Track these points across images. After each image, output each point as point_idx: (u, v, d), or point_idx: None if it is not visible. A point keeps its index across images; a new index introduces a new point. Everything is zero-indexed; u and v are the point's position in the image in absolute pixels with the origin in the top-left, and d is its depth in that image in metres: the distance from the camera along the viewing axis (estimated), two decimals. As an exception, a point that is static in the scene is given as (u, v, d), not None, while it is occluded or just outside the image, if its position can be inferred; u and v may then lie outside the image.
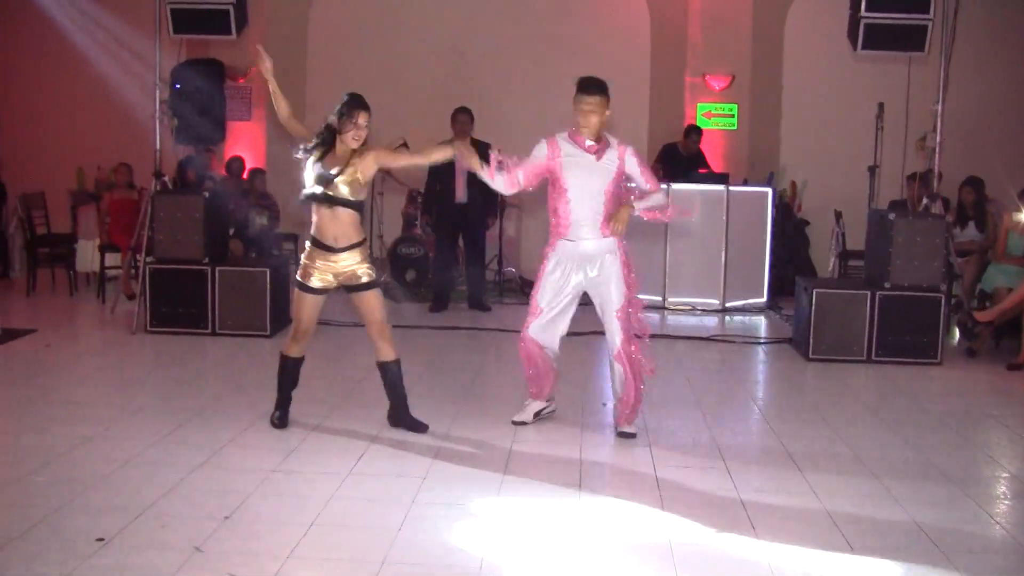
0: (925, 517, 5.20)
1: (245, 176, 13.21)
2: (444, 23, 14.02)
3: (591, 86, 6.55)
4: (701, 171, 12.26)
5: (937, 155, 9.56)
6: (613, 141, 6.54)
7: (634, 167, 6.47)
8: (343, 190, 6.23)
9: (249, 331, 9.35)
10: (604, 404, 7.34)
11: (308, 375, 8.41)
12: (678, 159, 12.26)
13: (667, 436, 6.55)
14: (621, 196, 6.45)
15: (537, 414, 6.80)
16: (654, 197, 6.48)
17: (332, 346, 9.29)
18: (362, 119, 6.40)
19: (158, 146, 9.84)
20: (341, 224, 6.26)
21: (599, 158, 6.44)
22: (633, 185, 6.53)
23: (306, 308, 6.39)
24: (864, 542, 4.82)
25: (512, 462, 5.91)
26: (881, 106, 11.15)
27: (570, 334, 6.74)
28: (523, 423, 6.71)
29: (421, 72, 14.01)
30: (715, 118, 13.36)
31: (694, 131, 12.57)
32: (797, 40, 13.77)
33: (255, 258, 11.58)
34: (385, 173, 12.56)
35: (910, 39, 9.36)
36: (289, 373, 6.60)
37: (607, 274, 6.37)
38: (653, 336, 9.75)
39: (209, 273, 9.36)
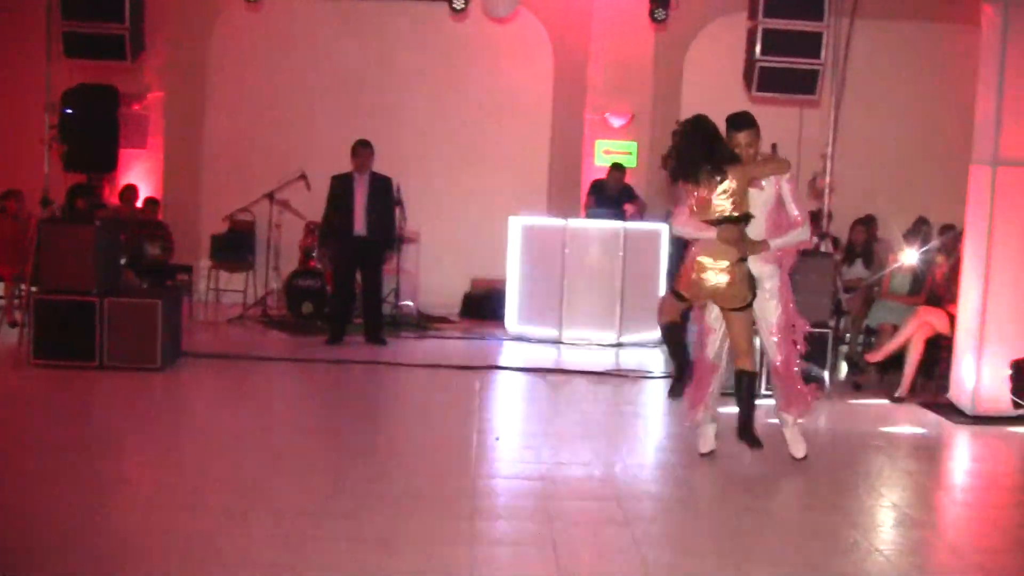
0: (809, 545, 5.30)
1: (139, 205, 13.00)
2: (345, 53, 13.96)
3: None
4: (627, 206, 12.38)
5: (827, 195, 9.78)
6: None
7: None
8: None
9: (139, 365, 9.10)
10: (497, 438, 7.35)
11: (215, 418, 8.32)
12: (605, 193, 12.40)
13: (561, 470, 6.56)
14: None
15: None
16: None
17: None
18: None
19: (47, 172, 9.61)
20: None
21: None
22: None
23: None
24: (752, 569, 4.88)
25: (405, 495, 5.87)
26: (774, 147, 11.30)
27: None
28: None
29: (323, 101, 13.94)
30: (614, 155, 13.47)
31: (616, 168, 12.69)
32: (696, 80, 13.98)
33: (148, 289, 11.39)
34: (283, 205, 12.50)
35: (803, 83, 9.57)
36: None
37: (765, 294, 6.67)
38: (549, 371, 9.94)
39: (97, 304, 9.13)
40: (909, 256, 10.08)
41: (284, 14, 13.94)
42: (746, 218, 6.51)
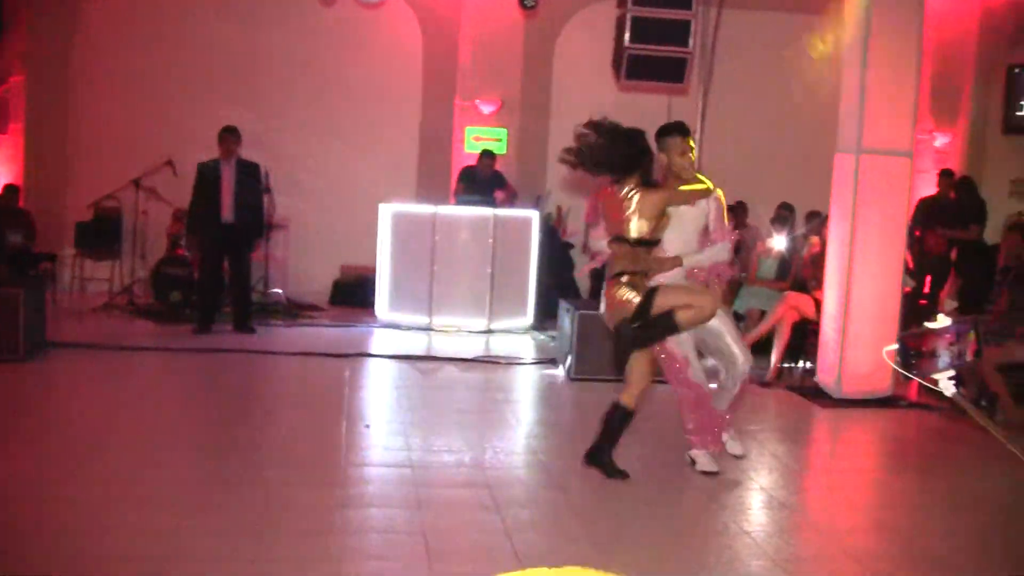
0: (680, 528, 5.38)
1: (-2, 192, 12.56)
2: (213, 37, 13.62)
3: None
4: (497, 192, 12.37)
5: (695, 182, 9.90)
6: None
7: None
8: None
9: (1, 356, 8.74)
10: (367, 426, 7.29)
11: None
12: (475, 180, 12.38)
13: (432, 457, 6.55)
14: None
15: None
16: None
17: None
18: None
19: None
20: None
21: None
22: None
23: None
24: (623, 552, 4.92)
25: (276, 484, 5.79)
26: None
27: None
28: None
29: (191, 87, 13.59)
30: (484, 142, 13.46)
31: (487, 155, 12.67)
32: (566, 67, 14.07)
33: (9, 278, 11.01)
34: (149, 191, 12.21)
35: (671, 71, 9.69)
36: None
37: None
38: (420, 358, 9.90)
39: (-47, 294, 8.78)
40: (777, 242, 10.30)
41: (151, -4, 13.61)
42: (645, 243, 6.14)
